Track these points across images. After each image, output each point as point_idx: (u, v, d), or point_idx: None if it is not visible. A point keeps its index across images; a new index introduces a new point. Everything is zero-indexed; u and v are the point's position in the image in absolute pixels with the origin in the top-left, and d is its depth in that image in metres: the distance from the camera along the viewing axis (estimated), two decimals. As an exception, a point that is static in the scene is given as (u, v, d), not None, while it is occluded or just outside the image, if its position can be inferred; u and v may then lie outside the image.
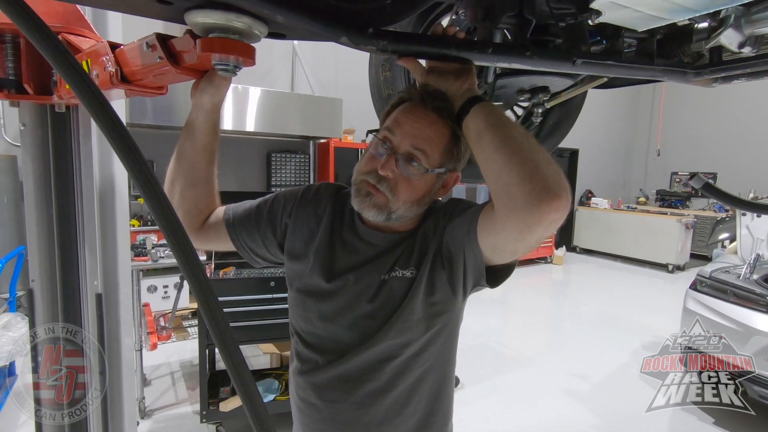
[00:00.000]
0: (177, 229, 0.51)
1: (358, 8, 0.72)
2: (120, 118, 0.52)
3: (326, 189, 0.98)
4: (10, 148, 3.71)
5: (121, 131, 0.50)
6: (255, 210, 0.97)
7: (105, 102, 0.50)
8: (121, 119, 0.52)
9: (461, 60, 0.78)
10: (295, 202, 0.96)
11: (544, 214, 0.64)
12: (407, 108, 0.82)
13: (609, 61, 0.85)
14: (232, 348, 0.51)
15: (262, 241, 0.96)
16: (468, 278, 0.84)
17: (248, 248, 0.97)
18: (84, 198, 1.43)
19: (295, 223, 0.94)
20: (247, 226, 0.95)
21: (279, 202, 0.97)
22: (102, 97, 0.50)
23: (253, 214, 0.96)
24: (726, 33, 0.81)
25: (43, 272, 1.47)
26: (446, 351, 0.92)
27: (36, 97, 1.26)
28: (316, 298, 0.89)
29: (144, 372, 2.91)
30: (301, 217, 0.94)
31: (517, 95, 1.06)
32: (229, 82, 0.85)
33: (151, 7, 0.66)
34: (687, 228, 7.12)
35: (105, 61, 0.92)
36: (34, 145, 1.40)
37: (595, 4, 0.63)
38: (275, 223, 0.95)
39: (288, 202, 0.96)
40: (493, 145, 0.69)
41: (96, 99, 0.50)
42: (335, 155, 4.84)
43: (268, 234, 0.95)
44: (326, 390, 0.88)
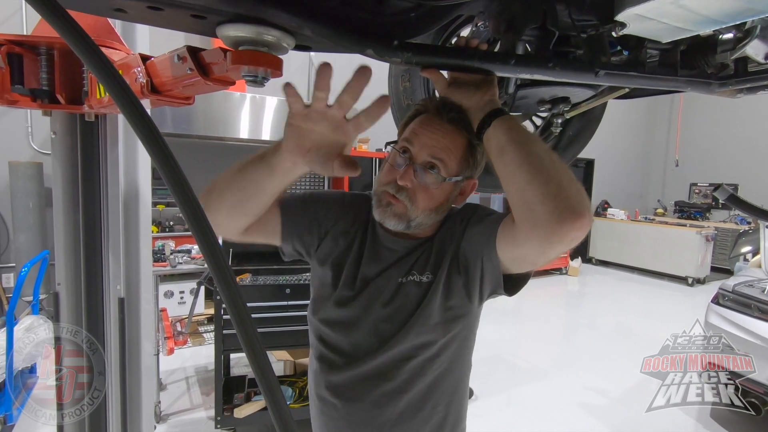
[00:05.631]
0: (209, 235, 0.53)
1: (383, 21, 0.74)
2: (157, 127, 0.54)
3: (364, 201, 0.98)
4: (36, 155, 3.84)
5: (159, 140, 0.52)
6: (304, 204, 0.95)
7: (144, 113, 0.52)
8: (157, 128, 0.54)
9: (483, 71, 0.79)
10: (338, 210, 0.96)
11: (567, 232, 0.66)
12: (424, 119, 0.85)
13: (632, 72, 0.85)
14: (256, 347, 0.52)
15: (306, 239, 0.94)
16: (485, 285, 0.86)
17: (295, 235, 0.94)
18: (110, 204, 1.47)
19: (335, 235, 0.94)
20: (297, 222, 0.94)
21: (324, 205, 0.96)
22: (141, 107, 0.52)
23: (302, 207, 0.95)
24: (752, 44, 0.81)
25: (69, 276, 1.51)
26: (462, 355, 0.93)
27: (67, 106, 1.31)
28: (339, 304, 0.91)
29: (160, 376, 2.94)
30: (340, 229, 0.95)
31: (537, 105, 1.07)
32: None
33: (185, 21, 0.68)
34: (707, 240, 6.96)
35: (136, 72, 0.95)
36: (64, 153, 1.45)
37: (620, 16, 0.63)
38: (319, 225, 0.94)
39: (332, 208, 0.96)
40: (516, 161, 0.70)
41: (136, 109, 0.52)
42: (350, 164, 4.88)
43: (313, 230, 0.94)
44: (344, 389, 0.89)
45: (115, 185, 1.46)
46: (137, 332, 1.62)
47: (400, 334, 0.85)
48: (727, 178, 8.32)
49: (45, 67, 1.28)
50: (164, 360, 3.04)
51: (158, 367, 2.80)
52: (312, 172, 0.75)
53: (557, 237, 0.67)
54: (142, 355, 1.65)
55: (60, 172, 1.47)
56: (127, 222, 1.52)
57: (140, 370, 1.65)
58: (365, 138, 5.12)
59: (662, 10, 0.60)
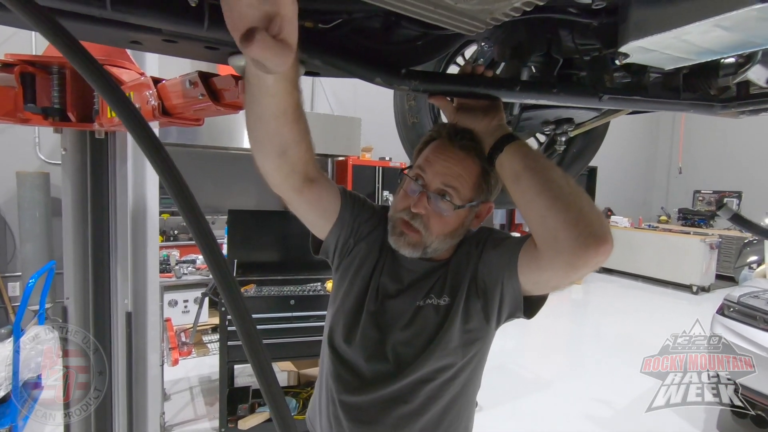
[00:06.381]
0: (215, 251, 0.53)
1: (391, 49, 0.76)
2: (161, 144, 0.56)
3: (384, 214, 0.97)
4: (43, 165, 3.88)
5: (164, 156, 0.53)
6: (356, 200, 0.95)
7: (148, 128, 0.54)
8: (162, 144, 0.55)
9: (489, 97, 0.80)
10: (375, 221, 0.95)
11: (591, 258, 0.67)
12: (437, 146, 0.85)
13: (635, 96, 0.86)
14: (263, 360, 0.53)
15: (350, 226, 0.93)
16: (503, 309, 0.86)
17: (346, 225, 0.93)
18: (118, 220, 1.50)
19: (368, 239, 0.94)
20: (354, 209, 0.93)
21: (369, 210, 0.95)
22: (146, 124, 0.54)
23: (355, 202, 0.94)
24: (754, 69, 0.82)
25: (77, 290, 1.53)
26: (475, 376, 0.94)
27: (78, 124, 1.34)
28: (363, 322, 0.90)
29: (164, 387, 2.95)
30: (369, 240, 0.94)
31: (542, 126, 1.08)
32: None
33: (199, 51, 0.70)
34: (711, 248, 6.92)
35: (148, 95, 0.97)
36: (74, 169, 1.48)
37: (624, 48, 0.65)
38: (359, 226, 0.94)
39: (373, 216, 0.95)
40: (534, 189, 0.71)
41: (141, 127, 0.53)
42: (353, 172, 4.91)
43: (354, 229, 0.94)
44: (359, 411, 0.88)
45: (124, 201, 1.48)
46: (144, 345, 1.64)
47: (420, 359, 0.85)
48: (731, 185, 8.30)
49: (57, 86, 1.31)
50: (168, 370, 3.04)
51: (162, 377, 2.80)
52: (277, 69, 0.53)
53: (581, 262, 0.68)
54: (149, 367, 1.66)
55: (70, 187, 1.49)
56: (135, 237, 1.54)
57: (146, 382, 1.66)
58: (368, 147, 5.15)
59: (665, 44, 0.61)
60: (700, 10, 0.52)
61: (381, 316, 0.89)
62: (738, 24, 0.53)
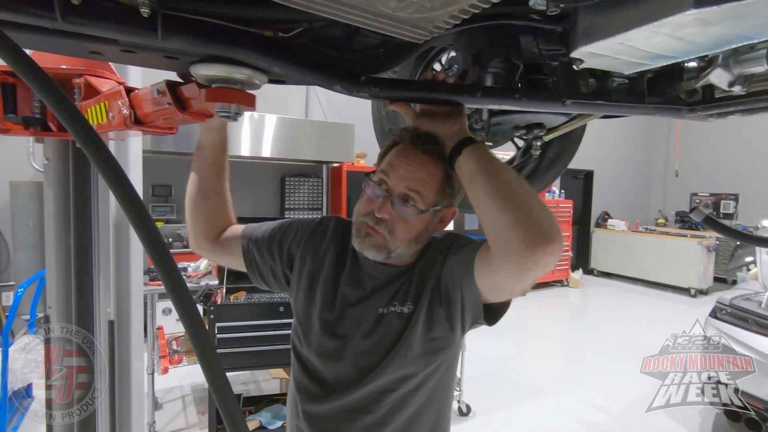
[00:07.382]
0: (167, 259, 0.53)
1: (351, 57, 0.76)
2: (108, 148, 0.57)
3: (336, 223, 0.99)
4: (37, 175, 3.89)
5: (111, 164, 0.54)
6: (269, 233, 0.99)
7: (90, 128, 0.55)
8: (108, 149, 0.56)
9: (451, 103, 0.81)
10: (305, 234, 0.97)
11: (540, 258, 0.67)
12: (400, 151, 0.85)
13: (599, 101, 0.87)
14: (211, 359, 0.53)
15: (270, 265, 0.98)
16: (466, 316, 0.85)
17: (256, 267, 0.99)
18: (100, 227, 1.50)
19: (303, 255, 0.96)
20: (260, 247, 0.98)
21: (291, 231, 0.99)
22: (87, 124, 0.55)
23: (266, 237, 0.98)
24: (715, 73, 0.82)
25: (60, 299, 1.53)
26: (443, 387, 0.92)
27: (59, 134, 1.34)
28: (318, 331, 0.90)
29: (156, 395, 2.93)
30: (310, 249, 0.96)
31: (512, 131, 1.09)
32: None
33: (160, 61, 0.71)
34: (709, 251, 6.91)
35: (120, 105, 0.98)
36: (56, 178, 1.48)
37: (575, 53, 0.66)
38: (283, 251, 0.97)
39: (299, 232, 0.98)
40: (485, 189, 0.72)
41: (80, 125, 0.54)
42: (348, 179, 4.92)
43: (276, 259, 0.97)
44: (322, 421, 0.89)
45: (106, 210, 1.49)
46: (127, 353, 1.64)
47: (380, 367, 0.85)
48: (729, 188, 8.30)
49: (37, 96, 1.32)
50: (161, 378, 3.03)
51: (154, 385, 2.79)
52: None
53: (530, 263, 0.68)
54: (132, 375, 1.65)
55: (52, 196, 1.50)
56: (117, 246, 1.54)
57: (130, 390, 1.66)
58: (363, 153, 5.17)
59: (614, 49, 0.62)
60: (639, 16, 0.53)
61: (341, 324, 0.88)
62: (677, 30, 0.53)
